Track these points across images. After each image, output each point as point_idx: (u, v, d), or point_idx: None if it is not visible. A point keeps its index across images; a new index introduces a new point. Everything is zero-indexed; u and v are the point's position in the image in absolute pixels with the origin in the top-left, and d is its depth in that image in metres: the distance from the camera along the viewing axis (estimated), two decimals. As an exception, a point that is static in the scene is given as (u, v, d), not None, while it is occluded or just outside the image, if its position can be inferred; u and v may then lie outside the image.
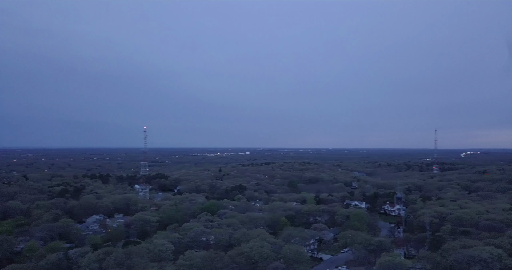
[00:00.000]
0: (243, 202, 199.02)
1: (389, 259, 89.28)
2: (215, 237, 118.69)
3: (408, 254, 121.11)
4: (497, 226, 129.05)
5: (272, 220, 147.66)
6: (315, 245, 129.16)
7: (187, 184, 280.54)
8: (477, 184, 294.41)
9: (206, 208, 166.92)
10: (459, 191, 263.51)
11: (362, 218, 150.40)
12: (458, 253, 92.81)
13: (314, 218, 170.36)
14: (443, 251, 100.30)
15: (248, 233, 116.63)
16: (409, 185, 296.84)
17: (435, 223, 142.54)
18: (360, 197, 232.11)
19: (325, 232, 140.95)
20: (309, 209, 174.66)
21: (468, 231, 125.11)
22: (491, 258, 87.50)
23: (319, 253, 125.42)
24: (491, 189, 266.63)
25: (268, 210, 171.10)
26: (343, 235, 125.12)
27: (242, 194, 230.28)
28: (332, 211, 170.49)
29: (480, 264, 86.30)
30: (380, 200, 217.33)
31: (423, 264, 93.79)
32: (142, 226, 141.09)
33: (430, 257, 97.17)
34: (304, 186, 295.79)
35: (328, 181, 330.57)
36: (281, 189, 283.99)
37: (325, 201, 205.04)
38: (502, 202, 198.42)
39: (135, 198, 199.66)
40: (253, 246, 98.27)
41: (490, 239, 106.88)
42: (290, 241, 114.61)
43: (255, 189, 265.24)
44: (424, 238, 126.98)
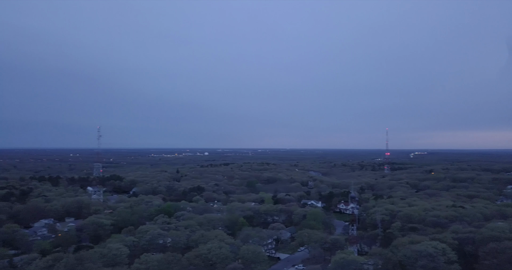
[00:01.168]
0: (201, 204, 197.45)
1: (344, 256, 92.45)
2: (173, 240, 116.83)
3: (361, 251, 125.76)
4: (442, 222, 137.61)
5: (230, 221, 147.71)
6: (273, 245, 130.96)
7: (143, 185, 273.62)
8: (424, 183, 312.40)
9: (163, 210, 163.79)
10: (408, 189, 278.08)
11: (318, 217, 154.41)
12: (406, 248, 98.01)
13: (272, 218, 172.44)
14: (393, 247, 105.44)
15: (206, 234, 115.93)
16: (362, 184, 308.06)
17: (386, 220, 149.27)
18: (316, 196, 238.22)
19: (283, 231, 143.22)
20: (267, 209, 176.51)
21: (416, 227, 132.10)
22: (436, 252, 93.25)
23: (276, 253, 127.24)
24: (436, 187, 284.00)
25: (226, 211, 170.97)
26: (300, 234, 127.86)
27: (200, 195, 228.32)
28: (290, 210, 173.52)
29: (426, 259, 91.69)
30: (335, 199, 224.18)
31: (375, 260, 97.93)
32: (95, 230, 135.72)
33: (381, 253, 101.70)
34: (263, 186, 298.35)
35: (285, 181, 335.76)
36: (240, 189, 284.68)
37: (282, 200, 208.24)
38: (446, 199, 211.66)
39: (87, 200, 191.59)
40: (211, 247, 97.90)
41: (435, 235, 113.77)
42: (248, 241, 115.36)
43: (213, 190, 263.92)
44: (376, 235, 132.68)
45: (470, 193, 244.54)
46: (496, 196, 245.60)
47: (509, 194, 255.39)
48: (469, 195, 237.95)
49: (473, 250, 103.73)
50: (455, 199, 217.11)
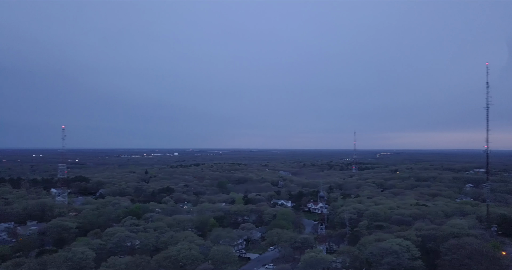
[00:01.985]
0: (170, 205, 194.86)
1: (313, 255, 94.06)
2: (141, 242, 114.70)
3: (330, 249, 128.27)
4: (406, 220, 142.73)
5: (200, 222, 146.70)
6: (243, 245, 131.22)
7: (110, 187, 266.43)
8: (390, 182, 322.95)
9: (131, 211, 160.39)
10: (374, 188, 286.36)
11: (288, 217, 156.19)
12: (373, 246, 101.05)
13: (243, 218, 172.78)
14: (360, 245, 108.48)
15: (175, 236, 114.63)
16: (331, 183, 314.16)
17: (354, 219, 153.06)
18: (286, 196, 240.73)
19: (253, 231, 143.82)
20: (237, 209, 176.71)
21: (382, 225, 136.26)
22: (401, 249, 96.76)
23: (247, 253, 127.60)
24: (401, 186, 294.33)
25: (196, 212, 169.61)
26: (270, 233, 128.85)
27: (169, 197, 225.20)
28: (260, 210, 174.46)
29: (391, 256, 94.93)
30: (305, 198, 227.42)
31: (343, 258, 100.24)
32: (59, 233, 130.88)
33: (349, 251, 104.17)
34: (233, 187, 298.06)
35: (256, 181, 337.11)
36: (210, 190, 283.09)
37: (253, 200, 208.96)
38: (410, 198, 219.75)
39: (51, 203, 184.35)
40: (180, 249, 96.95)
41: (400, 232, 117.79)
42: (218, 242, 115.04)
43: (183, 191, 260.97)
44: (344, 234, 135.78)
45: (432, 192, 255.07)
46: (456, 194, 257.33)
47: (468, 192, 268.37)
48: (431, 193, 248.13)
49: (435, 246, 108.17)
50: (418, 197, 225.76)
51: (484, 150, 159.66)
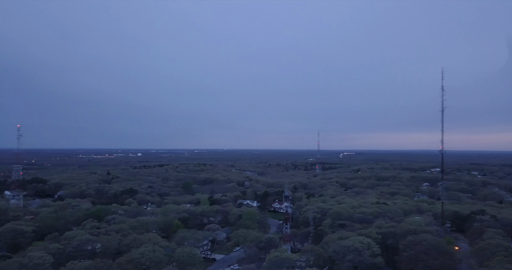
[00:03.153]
0: (134, 206, 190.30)
1: (278, 254, 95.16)
2: (103, 245, 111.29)
3: (294, 248, 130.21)
4: (367, 218, 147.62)
5: (165, 224, 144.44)
6: (209, 246, 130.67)
7: (70, 189, 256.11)
8: (352, 182, 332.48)
9: (92, 214, 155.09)
10: (337, 188, 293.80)
11: (253, 217, 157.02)
12: (336, 244, 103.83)
13: (208, 219, 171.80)
14: (324, 243, 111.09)
15: (139, 238, 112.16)
16: (295, 183, 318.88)
17: (318, 218, 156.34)
18: (252, 196, 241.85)
19: (219, 232, 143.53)
20: (203, 210, 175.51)
21: (344, 224, 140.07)
22: (363, 246, 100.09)
23: (212, 254, 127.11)
24: (363, 185, 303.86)
25: (161, 213, 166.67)
26: (236, 234, 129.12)
27: (133, 198, 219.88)
28: (226, 211, 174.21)
29: (353, 253, 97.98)
30: (270, 198, 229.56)
31: (307, 257, 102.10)
32: (13, 238, 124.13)
33: (313, 249, 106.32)
34: (199, 187, 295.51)
35: (222, 182, 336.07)
36: (175, 191, 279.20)
37: (219, 201, 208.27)
38: (371, 196, 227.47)
39: (4, 206, 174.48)
40: (144, 251, 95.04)
41: (362, 230, 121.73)
42: (183, 243, 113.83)
43: (147, 192, 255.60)
44: (308, 233, 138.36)
45: (392, 191, 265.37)
46: (414, 193, 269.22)
47: (424, 191, 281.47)
48: (391, 192, 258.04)
49: (394, 243, 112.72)
50: (379, 196, 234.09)
51: (439, 151, 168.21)
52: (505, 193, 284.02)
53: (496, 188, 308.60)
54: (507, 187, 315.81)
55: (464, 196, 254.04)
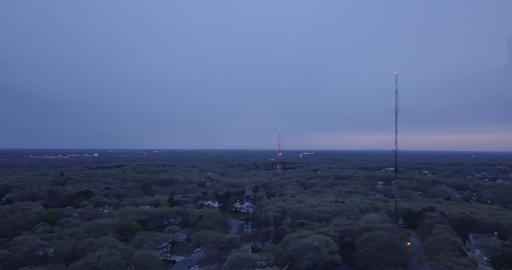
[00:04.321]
0: (89, 209, 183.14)
1: (238, 254, 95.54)
2: (55, 250, 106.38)
3: (255, 248, 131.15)
4: (326, 217, 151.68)
5: (123, 226, 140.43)
6: (169, 248, 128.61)
7: (19, 191, 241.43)
8: (311, 181, 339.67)
9: (45, 217, 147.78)
10: (297, 187, 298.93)
11: (214, 217, 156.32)
12: (296, 243, 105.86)
13: (168, 221, 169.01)
14: (284, 242, 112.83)
15: (95, 242, 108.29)
16: (257, 183, 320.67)
17: (278, 217, 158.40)
18: (213, 196, 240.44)
19: (179, 233, 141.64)
20: (162, 211, 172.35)
21: (304, 222, 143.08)
22: (321, 244, 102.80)
23: (172, 256, 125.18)
24: (322, 184, 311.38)
25: (118, 216, 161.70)
26: (196, 235, 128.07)
27: (88, 200, 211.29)
28: (186, 212, 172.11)
29: (312, 251, 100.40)
30: (232, 198, 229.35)
31: (267, 256, 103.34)
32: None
33: (273, 249, 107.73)
34: (158, 189, 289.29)
35: (182, 183, 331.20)
36: (134, 192, 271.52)
37: (179, 202, 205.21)
38: (330, 195, 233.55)
39: None
40: (100, 255, 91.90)
41: (320, 229, 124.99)
42: (142, 246, 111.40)
43: (104, 194, 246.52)
44: (269, 232, 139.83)
45: (349, 189, 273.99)
46: (370, 191, 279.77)
47: (379, 189, 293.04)
48: (348, 191, 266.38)
49: (351, 240, 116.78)
50: (337, 195, 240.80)
51: (393, 151, 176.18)
52: (452, 191, 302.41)
53: (444, 186, 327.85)
54: (454, 185, 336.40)
55: (415, 194, 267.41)
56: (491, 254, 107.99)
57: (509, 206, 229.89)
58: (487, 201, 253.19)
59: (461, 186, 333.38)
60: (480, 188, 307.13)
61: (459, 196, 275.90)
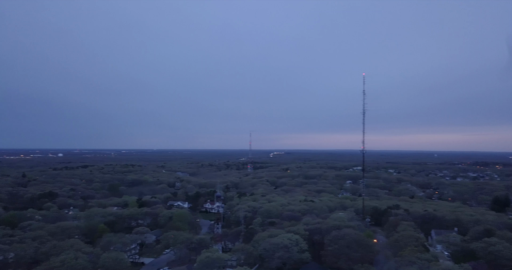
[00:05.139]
0: (53, 211, 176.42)
1: (209, 255, 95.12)
2: (16, 254, 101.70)
3: (225, 248, 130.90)
4: (296, 216, 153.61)
5: (89, 228, 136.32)
6: (137, 250, 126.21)
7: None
8: (282, 180, 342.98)
9: (4, 220, 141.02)
10: (268, 186, 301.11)
11: (184, 218, 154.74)
12: (266, 242, 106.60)
13: (137, 222, 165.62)
14: (254, 241, 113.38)
15: (59, 245, 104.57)
16: (227, 183, 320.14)
17: (249, 217, 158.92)
18: (183, 197, 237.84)
19: (148, 235, 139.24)
20: (131, 213, 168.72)
21: (274, 222, 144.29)
22: (291, 243, 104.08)
23: (140, 258, 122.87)
24: (291, 183, 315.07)
25: (84, 218, 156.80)
26: (166, 236, 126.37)
27: (52, 202, 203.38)
28: (155, 213, 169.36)
29: (282, 250, 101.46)
30: (202, 199, 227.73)
31: (238, 256, 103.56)
32: None
33: (243, 248, 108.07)
34: (127, 189, 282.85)
35: (152, 183, 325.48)
36: (101, 193, 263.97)
37: (148, 203, 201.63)
38: (299, 194, 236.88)
39: None
40: (65, 259, 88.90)
41: (290, 227, 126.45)
42: (109, 248, 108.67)
43: (69, 195, 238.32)
44: (240, 232, 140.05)
45: (318, 188, 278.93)
46: (338, 190, 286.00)
47: (348, 188, 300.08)
48: (317, 190, 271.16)
49: (320, 238, 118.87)
50: (306, 194, 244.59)
51: (361, 151, 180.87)
52: (416, 189, 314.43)
53: (408, 184, 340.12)
54: (418, 183, 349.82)
55: (382, 192, 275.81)
56: (451, 249, 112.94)
57: (468, 203, 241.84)
58: (448, 198, 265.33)
59: (424, 184, 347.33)
60: (441, 186, 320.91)
61: (422, 194, 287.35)
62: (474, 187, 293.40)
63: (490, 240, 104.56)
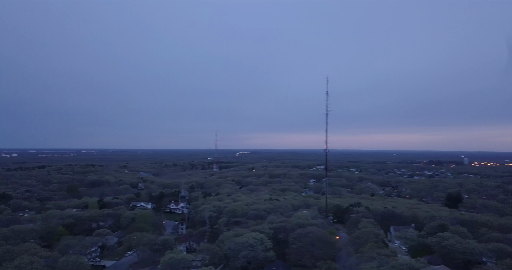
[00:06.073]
0: (6, 214, 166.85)
1: (173, 256, 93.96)
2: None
3: (190, 248, 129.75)
4: (261, 214, 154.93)
5: (46, 231, 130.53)
6: (98, 252, 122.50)
7: None
8: (247, 179, 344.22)
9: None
10: (233, 186, 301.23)
11: (147, 219, 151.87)
12: (231, 241, 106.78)
13: (97, 224, 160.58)
14: (219, 241, 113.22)
15: (13, 249, 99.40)
16: (192, 183, 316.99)
17: (214, 216, 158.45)
18: (147, 197, 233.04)
19: (109, 237, 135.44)
20: (91, 214, 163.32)
21: (239, 221, 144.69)
22: (256, 242, 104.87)
23: (101, 260, 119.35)
24: (257, 183, 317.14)
25: (41, 220, 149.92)
26: (128, 238, 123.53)
27: (5, 205, 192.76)
28: (117, 214, 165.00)
29: (247, 249, 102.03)
30: (166, 199, 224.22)
31: (202, 256, 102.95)
32: None
33: (208, 248, 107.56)
34: (87, 190, 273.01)
35: (113, 184, 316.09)
36: (59, 195, 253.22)
37: (109, 204, 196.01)
38: (264, 193, 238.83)
39: None
40: (19, 264, 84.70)
41: (255, 226, 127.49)
42: (68, 252, 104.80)
43: (24, 197, 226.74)
44: (205, 232, 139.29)
45: (283, 187, 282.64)
46: (302, 189, 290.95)
47: (311, 187, 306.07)
48: (282, 189, 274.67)
49: (285, 236, 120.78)
50: (271, 192, 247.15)
51: (324, 150, 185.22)
52: (377, 187, 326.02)
53: (369, 182, 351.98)
54: (378, 182, 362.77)
55: (344, 190, 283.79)
56: (408, 244, 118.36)
57: (424, 200, 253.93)
58: (406, 196, 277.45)
59: (384, 182, 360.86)
60: (400, 184, 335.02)
61: (382, 191, 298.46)
62: (429, 185, 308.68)
63: (444, 235, 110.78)
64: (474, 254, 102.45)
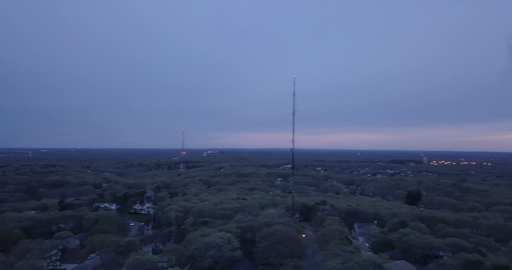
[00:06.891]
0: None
1: (138, 257, 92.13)
2: None
3: (156, 249, 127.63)
4: (228, 214, 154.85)
5: (2, 235, 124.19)
6: (58, 256, 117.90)
7: None
8: (215, 179, 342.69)
9: None
10: (201, 186, 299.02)
11: (111, 220, 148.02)
12: (198, 241, 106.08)
13: (58, 226, 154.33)
14: (186, 241, 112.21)
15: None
16: (158, 183, 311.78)
17: (181, 217, 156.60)
18: (111, 198, 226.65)
19: (70, 239, 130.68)
20: (51, 216, 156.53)
21: (207, 221, 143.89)
22: (223, 242, 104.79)
23: (62, 264, 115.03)
24: (225, 182, 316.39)
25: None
26: (91, 240, 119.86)
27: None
28: (79, 216, 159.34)
29: (214, 249, 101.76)
30: (131, 200, 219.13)
31: (169, 257, 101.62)
32: None
33: (175, 249, 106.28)
34: (47, 192, 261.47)
35: (75, 184, 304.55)
36: (16, 197, 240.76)
37: (71, 206, 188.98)
38: (232, 193, 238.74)
39: None
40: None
41: (223, 226, 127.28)
42: (25, 256, 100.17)
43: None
44: (171, 232, 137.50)
45: (250, 186, 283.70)
46: (270, 188, 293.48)
47: (278, 186, 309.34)
48: (250, 188, 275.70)
49: (252, 235, 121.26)
50: (239, 192, 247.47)
51: (291, 149, 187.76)
52: (341, 185, 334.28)
53: (334, 181, 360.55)
54: (342, 180, 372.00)
55: (310, 189, 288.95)
56: (371, 241, 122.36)
57: (386, 197, 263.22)
58: (369, 193, 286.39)
59: (349, 181, 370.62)
60: (363, 183, 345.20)
61: (347, 190, 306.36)
62: (391, 183, 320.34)
63: (404, 231, 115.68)
64: (432, 248, 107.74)
